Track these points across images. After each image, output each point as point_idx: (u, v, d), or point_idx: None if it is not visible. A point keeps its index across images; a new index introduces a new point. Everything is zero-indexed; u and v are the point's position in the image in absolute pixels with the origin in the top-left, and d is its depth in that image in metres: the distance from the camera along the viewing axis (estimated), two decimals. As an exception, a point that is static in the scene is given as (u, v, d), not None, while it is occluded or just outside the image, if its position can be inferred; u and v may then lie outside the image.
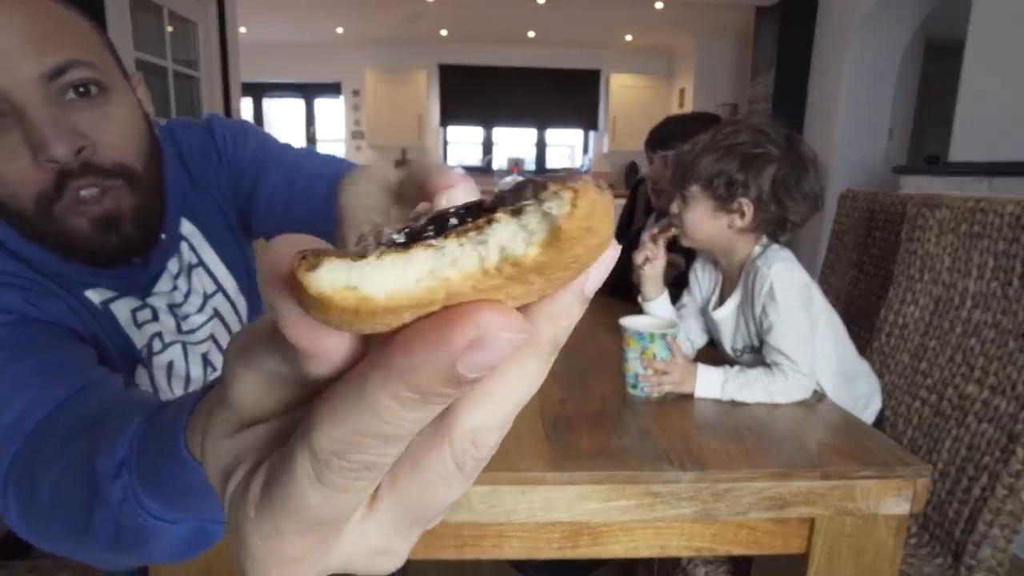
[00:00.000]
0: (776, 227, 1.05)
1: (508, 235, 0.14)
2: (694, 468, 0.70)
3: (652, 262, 1.13)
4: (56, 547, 0.50)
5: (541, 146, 7.56)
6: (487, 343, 0.14)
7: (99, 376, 0.56)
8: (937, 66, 4.47)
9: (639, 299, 1.17)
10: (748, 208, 1.04)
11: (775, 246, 1.07)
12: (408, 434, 0.16)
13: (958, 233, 1.13)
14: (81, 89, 0.58)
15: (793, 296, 0.99)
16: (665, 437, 0.78)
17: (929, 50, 4.42)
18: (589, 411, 0.86)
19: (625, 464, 0.70)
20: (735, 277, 1.10)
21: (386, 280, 0.14)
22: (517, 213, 0.14)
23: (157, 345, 0.74)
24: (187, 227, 0.78)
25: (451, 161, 7.53)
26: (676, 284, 1.24)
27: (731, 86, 6.13)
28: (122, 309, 0.69)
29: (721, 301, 1.14)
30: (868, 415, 1.12)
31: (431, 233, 0.15)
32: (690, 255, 1.24)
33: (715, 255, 1.14)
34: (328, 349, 0.16)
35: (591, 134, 7.45)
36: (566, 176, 0.15)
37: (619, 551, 0.74)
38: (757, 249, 1.07)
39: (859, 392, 1.12)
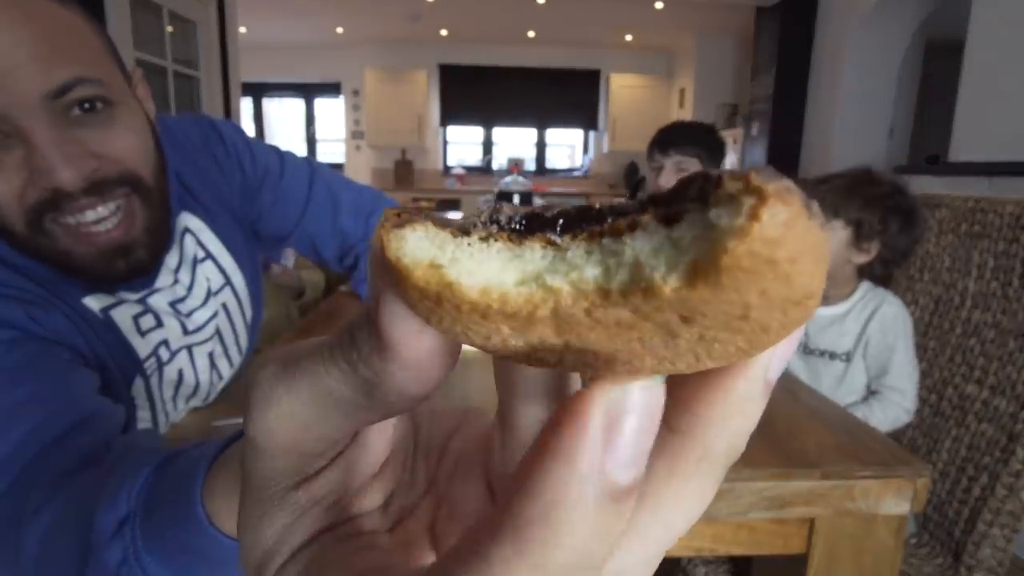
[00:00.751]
0: (883, 267, 1.22)
1: (650, 249, 0.10)
2: (694, 468, 0.70)
3: None
4: None
5: (541, 146, 7.56)
6: (627, 406, 0.11)
7: (100, 406, 0.53)
8: (937, 66, 4.47)
9: None
10: (874, 250, 1.19)
11: (879, 287, 1.23)
12: None
13: (958, 233, 1.13)
14: (86, 106, 0.56)
15: (910, 335, 1.17)
16: (665, 437, 0.79)
17: (929, 50, 4.42)
18: (589, 411, 0.86)
19: (625, 464, 0.70)
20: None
21: (481, 271, 0.11)
22: (672, 220, 0.10)
23: (165, 354, 0.71)
24: (192, 221, 0.76)
25: (451, 161, 7.53)
26: None
27: (731, 86, 6.13)
28: (123, 316, 0.66)
29: None
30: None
31: (559, 228, 0.11)
32: None
33: None
34: (429, 352, 0.13)
35: (591, 134, 7.45)
36: (755, 174, 0.09)
37: (619, 551, 0.73)
38: (865, 287, 1.23)
39: None
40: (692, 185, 0.10)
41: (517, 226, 0.12)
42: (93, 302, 0.64)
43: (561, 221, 0.11)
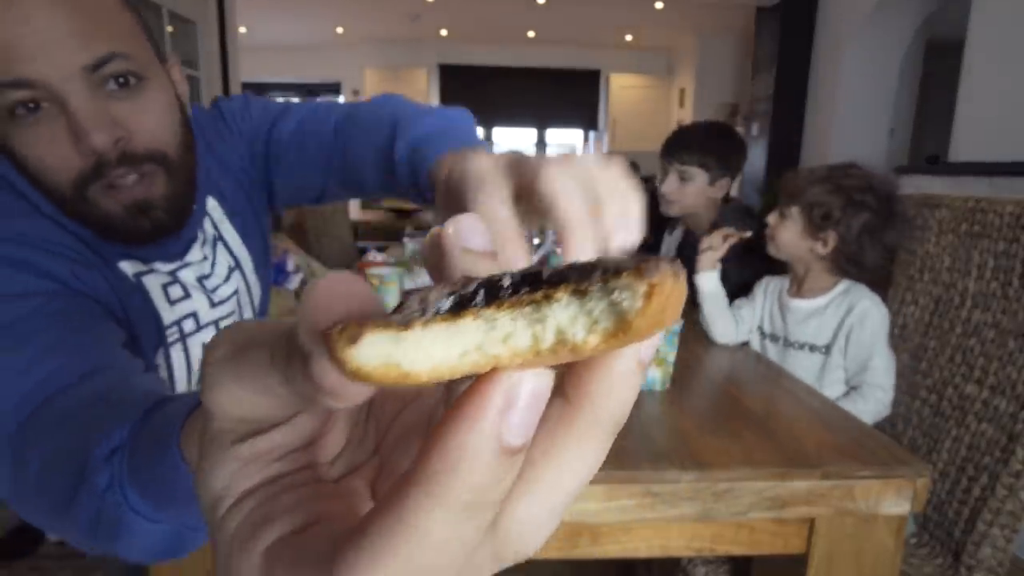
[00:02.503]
0: (850, 264, 1.21)
1: (568, 318, 0.13)
2: (694, 468, 0.70)
3: (712, 250, 1.29)
4: (37, 520, 0.50)
5: (541, 146, 7.56)
6: (520, 391, 0.14)
7: (124, 358, 0.57)
8: (937, 66, 4.47)
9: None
10: (831, 241, 1.20)
11: (861, 284, 1.23)
12: (467, 554, 0.14)
13: (958, 233, 1.13)
14: (120, 80, 0.59)
15: (886, 332, 1.19)
16: (665, 437, 0.78)
17: (929, 50, 4.42)
18: (589, 411, 0.86)
19: (625, 464, 0.70)
20: (801, 289, 1.29)
21: (430, 354, 0.13)
22: (581, 294, 0.13)
23: (191, 325, 0.74)
24: (211, 203, 0.80)
25: (451, 161, 7.53)
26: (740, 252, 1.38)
27: (731, 86, 6.13)
28: (154, 284, 0.71)
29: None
30: None
31: (480, 301, 0.14)
32: (762, 268, 1.40)
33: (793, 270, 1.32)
34: (356, 396, 0.15)
35: (591, 134, 7.45)
36: (641, 263, 0.13)
37: (619, 551, 0.74)
38: (846, 283, 1.23)
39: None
40: (595, 271, 0.13)
41: (447, 306, 0.14)
42: (128, 267, 0.69)
43: (481, 293, 0.14)
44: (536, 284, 0.14)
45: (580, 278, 0.13)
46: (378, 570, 0.14)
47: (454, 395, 0.20)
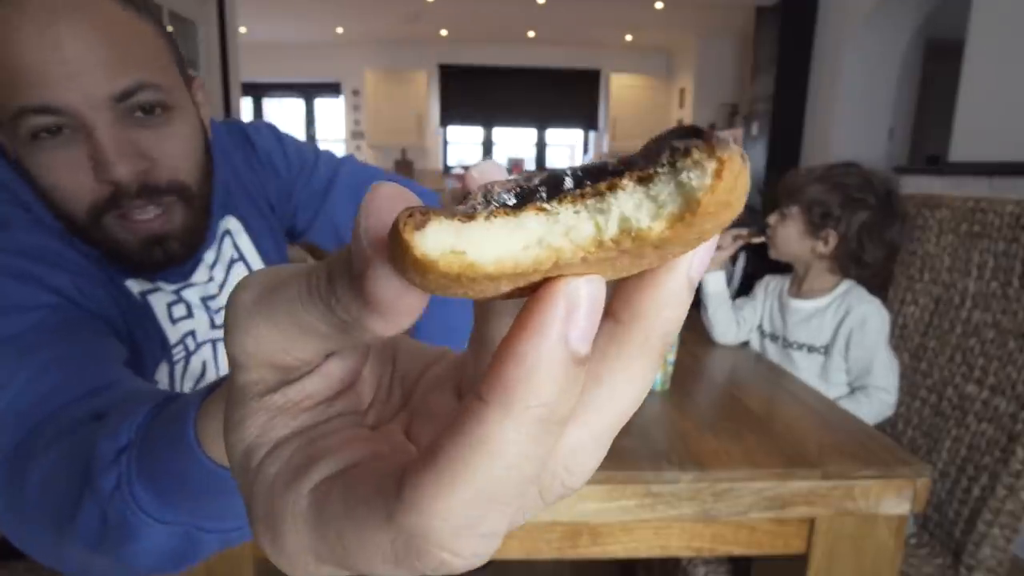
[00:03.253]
0: (851, 262, 1.20)
1: (632, 205, 0.13)
2: (694, 468, 0.70)
3: (722, 250, 1.29)
4: (32, 544, 0.48)
5: (541, 146, 7.56)
6: (580, 295, 0.14)
7: (127, 376, 0.56)
8: (937, 66, 4.47)
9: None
10: (832, 239, 1.19)
11: (860, 287, 1.22)
12: (531, 479, 0.14)
13: (958, 233, 1.13)
14: (147, 108, 0.60)
15: (887, 334, 1.18)
16: (665, 437, 0.78)
17: (929, 50, 4.42)
18: (589, 411, 0.86)
19: (625, 464, 0.70)
20: (802, 289, 1.28)
21: (494, 246, 0.13)
22: (645, 181, 0.13)
23: (191, 344, 0.75)
24: (233, 223, 0.80)
25: (451, 161, 7.53)
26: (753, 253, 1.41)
27: (731, 86, 6.13)
28: (159, 302, 0.71)
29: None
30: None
31: (543, 195, 0.14)
32: (762, 268, 1.41)
33: (796, 271, 1.31)
34: (410, 311, 0.15)
35: (591, 134, 7.45)
36: (709, 139, 0.13)
37: (619, 551, 0.74)
38: (846, 284, 1.23)
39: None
40: (662, 151, 0.13)
41: (511, 200, 0.14)
42: (134, 285, 0.69)
43: (544, 188, 0.14)
44: (600, 176, 0.13)
45: (646, 164, 0.13)
46: (449, 493, 0.13)
47: (486, 342, 0.21)
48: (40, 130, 0.56)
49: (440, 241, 0.13)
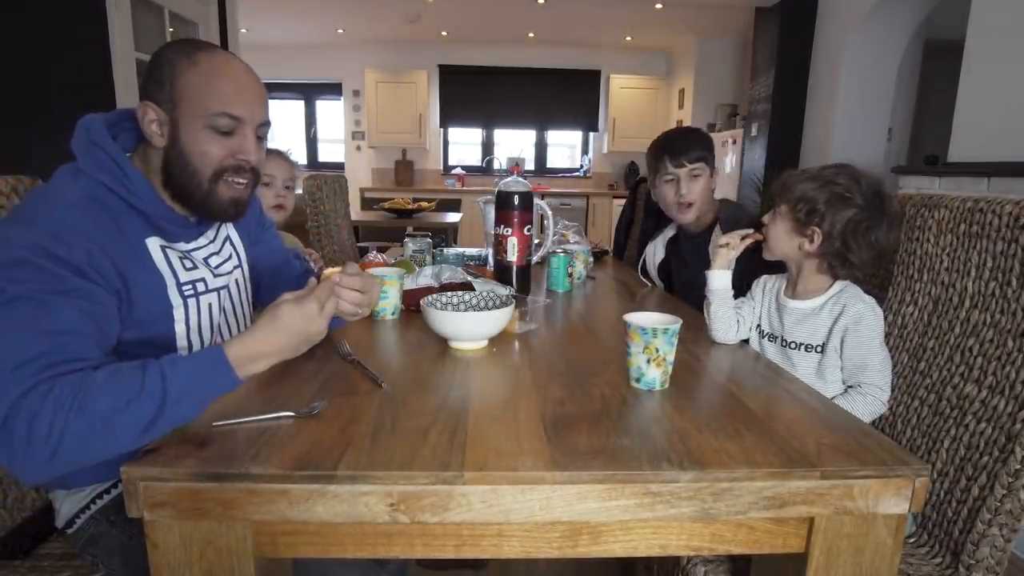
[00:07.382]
0: (837, 262, 1.21)
1: None
2: (693, 467, 0.71)
3: (729, 248, 1.30)
4: (81, 428, 0.69)
5: (541, 146, 7.56)
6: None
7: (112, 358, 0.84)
8: (937, 66, 4.47)
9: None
10: (817, 237, 1.20)
11: (855, 286, 1.23)
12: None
13: (957, 233, 1.14)
14: (263, 132, 1.02)
15: (881, 332, 1.20)
16: (665, 436, 0.79)
17: (929, 50, 4.42)
18: (589, 411, 0.86)
19: (625, 463, 0.71)
20: (795, 288, 1.29)
21: None
22: None
23: (201, 287, 1.03)
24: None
25: (451, 161, 7.53)
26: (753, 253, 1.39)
27: (731, 86, 6.13)
28: (173, 256, 0.99)
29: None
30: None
31: None
32: (759, 268, 1.39)
33: (790, 270, 1.31)
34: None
35: (591, 134, 7.45)
36: None
37: (619, 550, 0.74)
38: (840, 284, 1.23)
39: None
40: None
41: None
42: (154, 242, 0.96)
43: None
44: None
45: None
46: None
47: None
48: (223, 127, 0.93)
49: None
